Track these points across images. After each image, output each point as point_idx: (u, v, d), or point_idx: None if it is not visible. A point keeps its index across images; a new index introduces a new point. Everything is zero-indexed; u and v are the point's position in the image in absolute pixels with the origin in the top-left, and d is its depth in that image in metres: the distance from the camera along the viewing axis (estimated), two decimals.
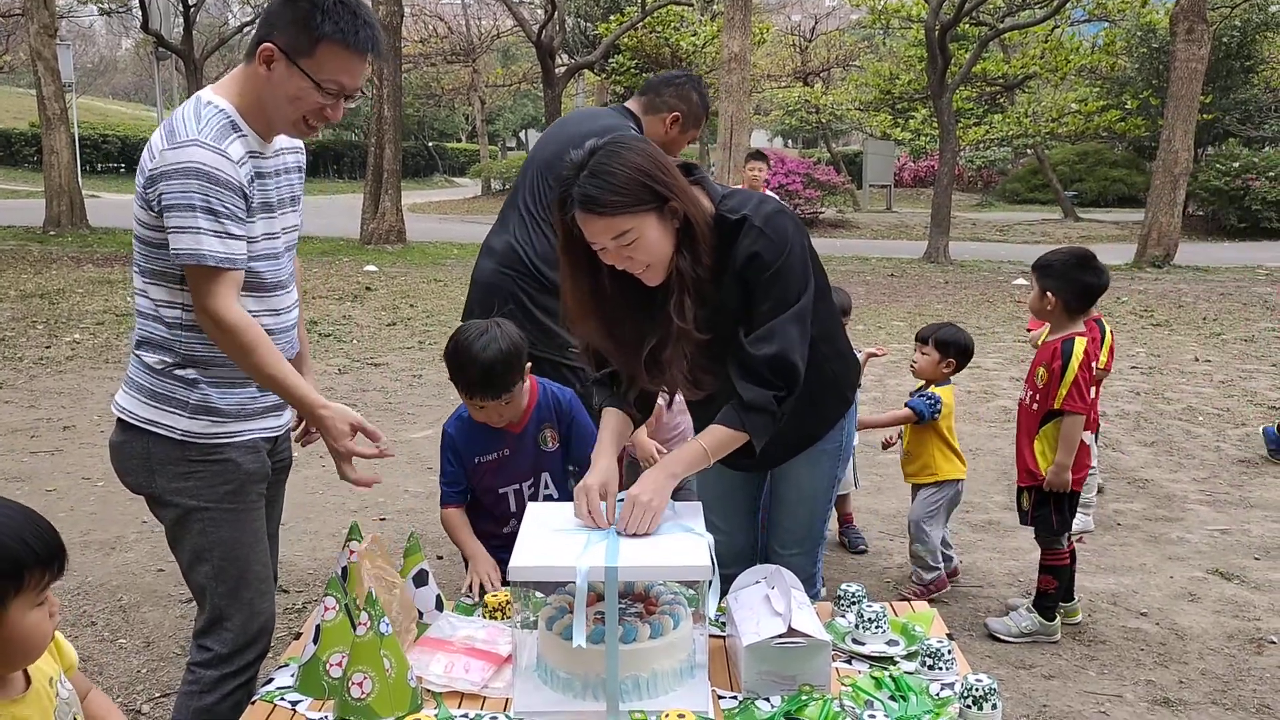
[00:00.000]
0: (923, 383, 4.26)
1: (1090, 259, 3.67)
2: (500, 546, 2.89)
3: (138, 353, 2.33)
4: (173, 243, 2.14)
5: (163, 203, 2.13)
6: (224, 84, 2.27)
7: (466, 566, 3.02)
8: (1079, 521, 5.17)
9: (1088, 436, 3.76)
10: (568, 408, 2.98)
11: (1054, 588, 3.77)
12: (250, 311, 2.25)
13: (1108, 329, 4.78)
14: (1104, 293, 3.77)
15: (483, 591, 2.77)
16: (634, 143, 2.24)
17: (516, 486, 3.00)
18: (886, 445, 4.51)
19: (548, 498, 2.98)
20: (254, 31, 2.26)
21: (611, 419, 2.47)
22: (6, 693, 1.47)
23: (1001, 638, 3.79)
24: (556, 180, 2.31)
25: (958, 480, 4.20)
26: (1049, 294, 3.64)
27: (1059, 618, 3.81)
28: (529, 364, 2.90)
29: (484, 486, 3.01)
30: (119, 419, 2.35)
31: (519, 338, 2.82)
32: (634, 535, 2.19)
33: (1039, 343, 4.14)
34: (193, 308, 2.20)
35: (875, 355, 4.77)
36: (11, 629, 1.38)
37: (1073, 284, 3.62)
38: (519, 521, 2.94)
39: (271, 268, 2.33)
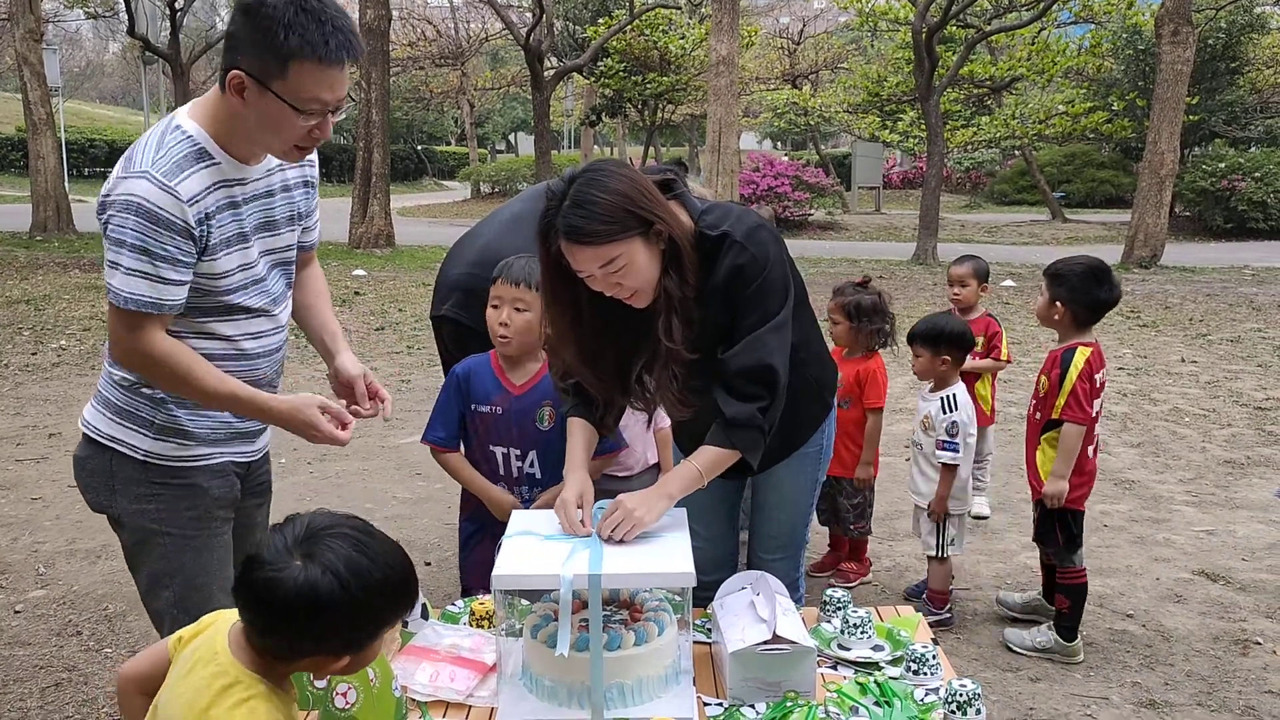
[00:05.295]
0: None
1: (1104, 273, 3.58)
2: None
3: (107, 367, 2.25)
4: (105, 275, 2.05)
5: (105, 232, 2.03)
6: (202, 104, 2.12)
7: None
8: (974, 504, 4.88)
9: (1090, 450, 3.64)
10: None
11: (1066, 608, 3.65)
12: (225, 337, 2.19)
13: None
14: (1114, 307, 3.68)
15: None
16: (613, 168, 2.24)
17: (505, 450, 2.98)
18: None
19: (530, 476, 2.97)
20: (222, 54, 2.07)
21: (581, 431, 2.48)
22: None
23: (1014, 648, 3.73)
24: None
25: None
26: (1058, 304, 3.59)
27: (1080, 640, 3.68)
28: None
29: (478, 439, 3.01)
30: (83, 433, 2.28)
31: None
32: (614, 542, 2.20)
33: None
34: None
35: None
36: (368, 652, 1.62)
37: (1084, 297, 3.56)
38: (507, 487, 2.97)
39: (257, 293, 2.23)
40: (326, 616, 1.49)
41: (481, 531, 3.05)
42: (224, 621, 1.65)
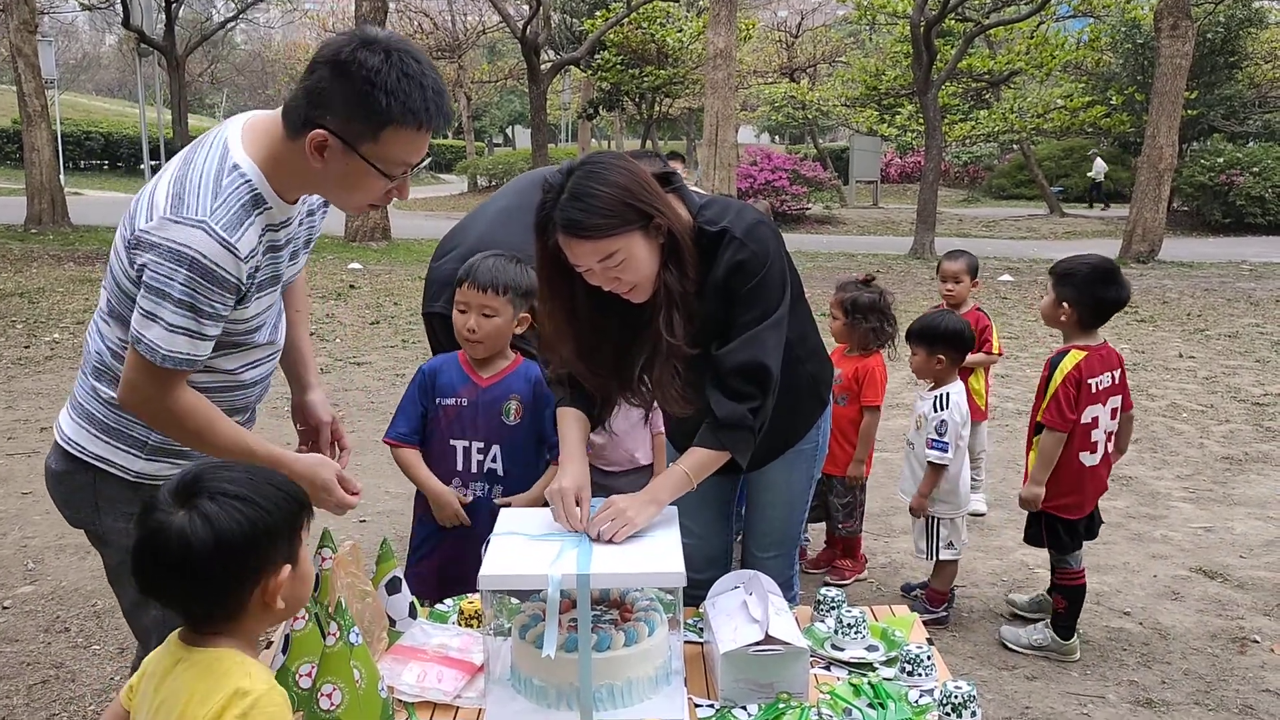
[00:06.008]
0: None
1: (1112, 273, 3.50)
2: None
3: (94, 382, 2.08)
4: (136, 322, 1.88)
5: (143, 276, 1.86)
6: (256, 138, 1.95)
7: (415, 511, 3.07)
8: (971, 501, 4.62)
9: (1089, 458, 3.54)
10: (546, 389, 2.87)
11: (1063, 608, 3.62)
12: (227, 370, 2.09)
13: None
14: (1121, 308, 3.60)
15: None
16: (611, 160, 2.20)
17: (466, 444, 2.94)
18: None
19: (490, 472, 2.93)
20: (295, 102, 1.89)
21: (575, 421, 2.42)
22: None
23: (1010, 646, 3.71)
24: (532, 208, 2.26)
25: None
26: (1065, 304, 3.51)
27: (1076, 638, 3.66)
28: (522, 325, 2.86)
29: (438, 433, 2.97)
30: (62, 448, 2.12)
31: (533, 278, 2.76)
32: (604, 541, 2.17)
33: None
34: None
35: None
36: (303, 566, 1.58)
37: (1090, 298, 3.48)
38: (462, 483, 2.93)
39: (268, 327, 2.14)
40: (234, 548, 1.46)
41: (431, 539, 3.00)
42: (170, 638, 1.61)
